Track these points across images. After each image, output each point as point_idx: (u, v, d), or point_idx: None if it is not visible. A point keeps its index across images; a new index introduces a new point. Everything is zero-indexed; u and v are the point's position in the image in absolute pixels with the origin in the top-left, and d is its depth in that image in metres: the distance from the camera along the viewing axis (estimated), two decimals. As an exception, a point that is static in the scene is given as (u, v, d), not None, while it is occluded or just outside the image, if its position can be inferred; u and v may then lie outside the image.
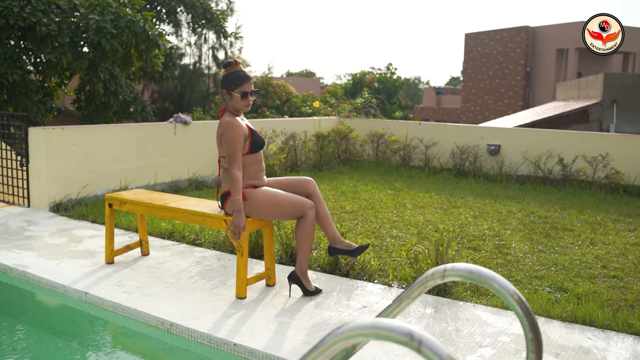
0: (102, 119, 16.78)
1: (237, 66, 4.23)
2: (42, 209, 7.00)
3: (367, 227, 6.36)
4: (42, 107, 15.68)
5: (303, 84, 41.18)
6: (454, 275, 1.79)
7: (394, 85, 25.86)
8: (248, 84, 4.17)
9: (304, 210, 4.05)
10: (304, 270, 4.21)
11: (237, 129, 4.07)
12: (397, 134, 11.12)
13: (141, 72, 19.16)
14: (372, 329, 1.33)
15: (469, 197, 8.19)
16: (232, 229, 3.96)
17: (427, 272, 1.86)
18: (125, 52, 13.26)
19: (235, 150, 4.04)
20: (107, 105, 16.73)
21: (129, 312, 4.00)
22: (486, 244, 5.79)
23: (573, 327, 3.73)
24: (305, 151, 10.47)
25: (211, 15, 20.40)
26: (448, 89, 52.81)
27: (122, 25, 12.38)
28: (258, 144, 4.19)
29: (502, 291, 1.71)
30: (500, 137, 10.10)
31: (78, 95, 17.75)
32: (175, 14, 20.75)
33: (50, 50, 12.06)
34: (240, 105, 4.17)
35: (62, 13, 11.96)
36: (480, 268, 1.76)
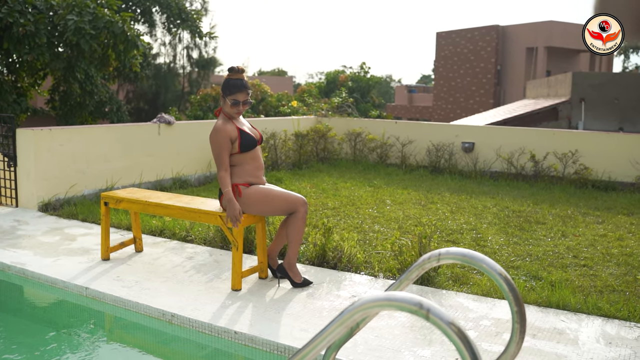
0: (77, 119, 16.79)
1: (238, 74, 4.46)
2: (31, 209, 7.13)
3: (350, 223, 6.62)
4: (17, 108, 15.64)
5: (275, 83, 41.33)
6: (449, 258, 2.04)
7: (368, 84, 26.18)
8: (242, 93, 4.39)
9: (295, 206, 4.30)
10: (292, 263, 4.44)
11: (220, 134, 4.32)
12: (374, 133, 11.40)
13: (116, 72, 19.17)
14: (387, 300, 1.58)
15: (446, 193, 8.50)
16: (230, 218, 4.22)
17: (423, 256, 2.11)
18: (103, 52, 13.33)
19: (220, 154, 4.33)
20: (82, 105, 16.73)
21: (131, 305, 4.20)
22: (464, 237, 6.09)
23: (548, 311, 4.04)
24: (285, 150, 10.70)
25: (186, 15, 20.48)
26: (420, 87, 53.43)
27: (101, 26, 12.46)
28: (247, 144, 4.40)
29: (491, 271, 1.97)
30: (474, 135, 10.44)
31: (52, 95, 17.70)
32: (150, 14, 20.80)
33: (28, 50, 12.09)
34: (231, 112, 4.41)
35: (39, 13, 12.00)
36: (472, 252, 2.02)
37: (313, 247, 5.14)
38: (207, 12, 26.25)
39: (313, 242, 5.14)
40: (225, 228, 4.40)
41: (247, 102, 4.44)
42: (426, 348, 3.49)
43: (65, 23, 12.25)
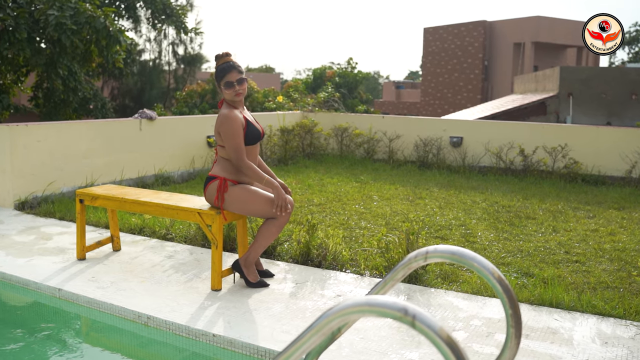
0: (61, 116, 16.49)
1: (223, 58, 4.26)
2: (7, 207, 6.90)
3: (336, 219, 6.45)
4: (-1, 106, 15.34)
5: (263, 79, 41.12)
6: (437, 256, 1.87)
7: (355, 80, 26.01)
8: (232, 73, 4.19)
9: (275, 212, 4.09)
10: (250, 262, 4.25)
11: (234, 120, 4.09)
12: (360, 128, 11.23)
13: (100, 69, 18.88)
14: (367, 306, 1.41)
15: (434, 189, 8.35)
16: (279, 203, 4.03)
17: (409, 255, 1.94)
18: (85, 48, 13.06)
19: (240, 143, 4.10)
20: (66, 102, 16.44)
21: (105, 306, 4.01)
22: (453, 233, 5.93)
23: (541, 310, 3.88)
24: (270, 146, 10.51)
25: (171, 10, 20.20)
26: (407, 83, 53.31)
27: (82, 21, 12.18)
28: (252, 136, 4.20)
29: (483, 270, 1.81)
30: (462, 130, 10.30)
31: (35, 92, 17.39)
32: (135, 9, 20.49)
33: (8, 46, 11.80)
34: (229, 96, 4.20)
35: (18, 8, 11.72)
36: (462, 249, 1.85)
37: (297, 244, 4.96)
38: (192, 7, 25.96)
39: (297, 240, 4.96)
40: (204, 225, 4.21)
41: (241, 80, 4.22)
42: (414, 350, 3.32)
43: (46, 18, 11.97)
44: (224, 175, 4.16)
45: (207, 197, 4.22)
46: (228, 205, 4.14)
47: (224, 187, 4.11)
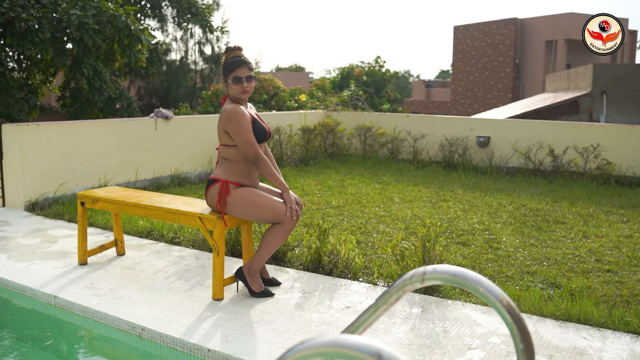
0: (87, 116, 16.47)
1: (234, 52, 4.01)
2: (17, 208, 6.76)
3: (353, 223, 6.16)
4: (26, 105, 15.36)
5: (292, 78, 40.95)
6: (435, 278, 1.59)
7: (383, 79, 25.62)
8: (242, 69, 3.94)
9: (280, 217, 3.83)
10: (254, 270, 3.99)
11: (241, 115, 3.84)
12: (384, 127, 10.91)
13: (127, 68, 18.84)
14: (335, 346, 1.13)
15: (459, 190, 8.01)
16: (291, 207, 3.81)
17: (405, 275, 1.66)
18: (108, 47, 12.97)
19: (249, 137, 3.84)
20: (91, 102, 16.42)
21: (99, 316, 3.78)
22: (476, 238, 5.60)
23: (567, 326, 3.55)
24: (291, 145, 10.25)
25: (196, 9, 20.08)
26: (438, 82, 52.68)
27: (104, 20, 12.09)
28: (258, 134, 3.93)
29: (488, 296, 1.51)
30: (489, 129, 9.92)
31: (63, 92, 17.42)
32: (160, 8, 20.43)
33: (31, 46, 11.74)
34: (235, 92, 3.94)
35: (42, 8, 11.65)
36: (464, 270, 1.56)
37: (307, 250, 4.69)
38: (218, 6, 25.82)
39: (307, 246, 4.69)
40: (205, 231, 3.96)
41: (250, 77, 3.96)
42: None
43: (69, 18, 11.90)
44: (226, 178, 3.91)
45: (208, 202, 3.97)
46: (230, 209, 3.88)
47: (226, 191, 3.86)
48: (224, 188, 3.85)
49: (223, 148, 3.98)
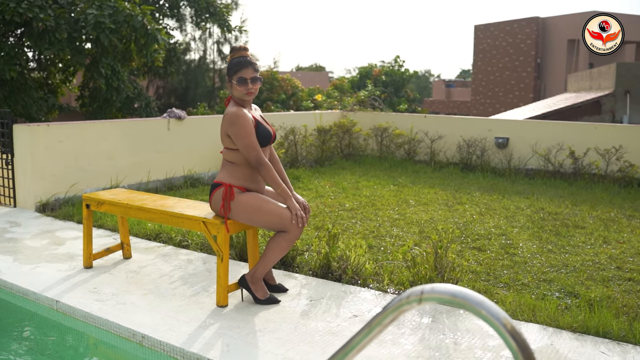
0: (106, 115, 16.50)
1: (240, 52, 3.89)
2: (28, 209, 6.72)
3: (366, 226, 6.02)
4: (44, 104, 15.41)
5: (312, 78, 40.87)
6: (433, 298, 1.45)
7: (402, 78, 25.38)
8: (247, 69, 3.81)
9: (285, 225, 3.69)
10: (258, 277, 3.86)
11: (243, 118, 3.71)
12: (401, 128, 10.75)
13: (145, 68, 18.86)
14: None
15: (476, 193, 7.83)
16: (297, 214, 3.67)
17: (402, 295, 1.52)
18: (125, 47, 12.95)
19: (251, 141, 3.71)
20: (109, 101, 16.44)
21: (100, 322, 3.69)
22: (492, 243, 5.43)
23: (585, 339, 3.37)
24: (306, 146, 10.13)
25: (214, 9, 20.02)
26: (458, 82, 52.27)
27: (121, 20, 12.07)
28: (262, 137, 3.79)
29: (491, 319, 1.37)
30: (508, 130, 9.71)
31: (82, 92, 17.48)
32: (178, 7, 20.42)
33: (48, 46, 11.75)
34: (240, 93, 3.82)
35: (59, 8, 11.66)
36: (465, 290, 1.42)
37: (317, 255, 4.56)
38: (237, 5, 25.77)
39: (317, 250, 4.56)
40: (209, 235, 3.85)
41: (255, 79, 3.84)
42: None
43: (86, 17, 11.89)
44: (230, 182, 3.79)
45: (212, 206, 3.86)
46: (234, 214, 3.76)
47: (230, 195, 3.74)
48: (227, 192, 3.73)
49: (227, 151, 3.87)
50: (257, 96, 23.37)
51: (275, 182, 3.72)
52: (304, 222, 3.70)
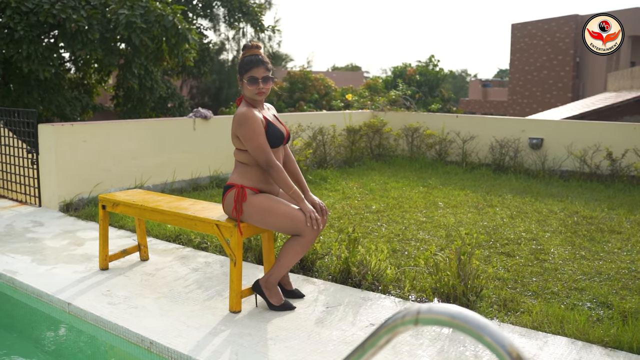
0: (140, 115, 16.61)
1: (252, 50, 3.76)
2: (52, 209, 6.71)
3: (392, 229, 5.84)
4: (78, 105, 15.57)
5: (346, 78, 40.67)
6: (430, 320, 1.29)
7: (436, 78, 25.04)
8: (259, 68, 3.68)
9: (300, 228, 3.54)
10: (272, 283, 3.73)
11: (252, 119, 3.58)
12: (433, 128, 10.52)
13: (179, 68, 18.94)
14: None
15: (507, 195, 7.57)
16: (311, 216, 3.52)
17: (397, 314, 1.37)
18: (156, 47, 12.98)
19: (260, 143, 3.57)
20: (143, 101, 16.54)
21: (110, 326, 3.60)
22: (521, 248, 5.20)
23: (617, 356, 3.15)
24: (334, 146, 9.97)
25: (247, 8, 20.00)
26: (495, 82, 51.53)
27: (152, 20, 12.10)
28: (273, 138, 3.65)
29: (494, 346, 1.21)
30: (543, 130, 9.41)
31: (116, 91, 17.64)
32: (211, 7, 20.46)
33: (81, 46, 11.84)
34: (251, 93, 3.70)
35: (92, 9, 11.73)
36: (467, 312, 1.26)
37: (337, 260, 4.40)
38: (270, 5, 25.76)
39: (336, 255, 4.41)
40: (222, 239, 3.73)
41: (267, 78, 3.70)
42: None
43: (117, 17, 11.95)
44: (242, 183, 3.66)
45: (225, 209, 3.74)
46: (247, 217, 3.63)
47: (242, 196, 3.61)
48: (239, 194, 3.61)
49: (238, 152, 3.74)
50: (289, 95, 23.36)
51: (287, 184, 3.58)
52: (319, 225, 3.54)
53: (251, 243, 4.92)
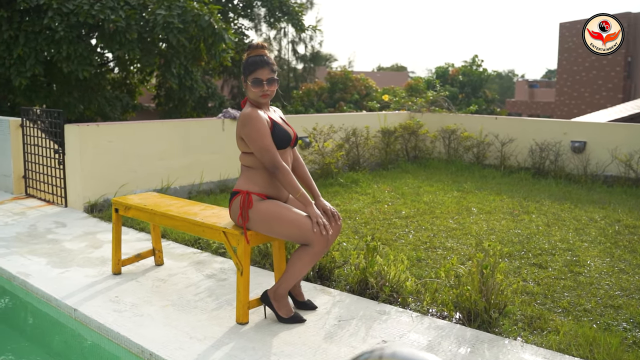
0: (180, 114, 16.68)
1: (256, 50, 3.58)
2: (78, 210, 6.67)
3: (419, 236, 5.60)
4: (119, 104, 15.71)
5: (391, 78, 40.28)
6: (391, 368, 1.08)
7: (480, 78, 24.55)
8: (263, 70, 3.49)
9: (308, 237, 3.33)
10: (281, 294, 3.52)
11: (257, 120, 3.41)
12: (471, 130, 10.19)
13: (221, 68, 18.96)
14: None
15: (545, 201, 7.22)
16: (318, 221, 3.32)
17: (357, 356, 1.16)
18: (194, 47, 12.98)
19: (265, 143, 3.39)
20: (183, 100, 16.60)
21: (112, 335, 3.47)
22: (555, 259, 4.89)
23: (649, 385, 2.86)
24: (368, 148, 9.73)
25: (287, 8, 19.90)
26: (542, 82, 50.29)
27: (189, 20, 12.08)
28: (280, 139, 3.47)
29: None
30: (586, 133, 8.99)
31: (158, 91, 17.76)
32: (252, 7, 20.44)
33: (119, 46, 11.90)
34: (255, 95, 3.53)
35: (130, 9, 11.78)
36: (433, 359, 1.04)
37: (354, 269, 4.19)
38: (312, 5, 25.69)
39: (355, 264, 4.20)
40: (229, 247, 3.57)
41: (272, 80, 3.53)
42: None
43: (155, 18, 11.97)
44: (248, 189, 3.49)
45: (231, 216, 3.57)
46: (253, 224, 3.45)
47: (248, 203, 3.43)
48: (245, 200, 3.43)
49: (243, 156, 3.57)
50: (329, 96, 23.20)
51: (293, 186, 3.38)
52: (327, 231, 3.33)
53: (269, 249, 4.75)
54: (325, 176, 8.55)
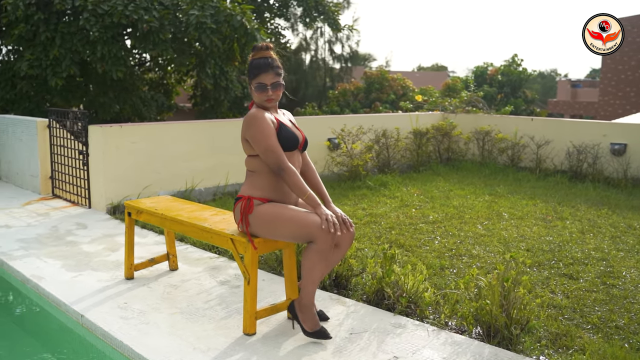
0: (216, 115, 16.69)
1: (261, 52, 3.43)
2: (100, 211, 6.64)
3: (445, 243, 5.38)
4: (154, 104, 15.79)
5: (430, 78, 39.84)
6: None
7: (519, 78, 23.99)
8: (268, 74, 3.34)
9: (311, 233, 3.18)
10: (304, 305, 3.33)
11: (261, 120, 3.27)
12: (505, 131, 9.88)
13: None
14: None
15: (581, 206, 6.91)
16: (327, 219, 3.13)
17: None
18: (227, 47, 12.94)
19: (270, 144, 3.24)
20: (218, 101, 16.61)
21: (116, 343, 3.37)
22: (587, 270, 4.63)
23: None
24: (398, 150, 9.51)
25: (323, 7, 19.75)
26: (585, 82, 49.08)
27: (221, 20, 12.04)
28: (287, 141, 3.32)
29: None
30: (627, 135, 8.60)
31: (194, 91, 17.81)
32: (288, 7, 20.35)
33: (152, 46, 11.93)
34: (259, 100, 3.39)
35: (164, 9, 11.79)
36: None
37: (371, 279, 4.02)
38: (349, 4, 25.47)
39: (371, 273, 4.02)
40: (236, 255, 3.43)
41: (276, 85, 3.38)
42: None
43: (188, 18, 11.97)
44: (250, 194, 3.34)
45: (236, 222, 3.43)
46: (254, 229, 3.30)
47: (248, 208, 3.29)
48: (245, 205, 3.29)
49: (249, 159, 3.43)
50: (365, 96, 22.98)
51: (300, 188, 3.21)
52: (337, 230, 3.14)
53: (285, 255, 4.60)
54: (353, 179, 8.37)
